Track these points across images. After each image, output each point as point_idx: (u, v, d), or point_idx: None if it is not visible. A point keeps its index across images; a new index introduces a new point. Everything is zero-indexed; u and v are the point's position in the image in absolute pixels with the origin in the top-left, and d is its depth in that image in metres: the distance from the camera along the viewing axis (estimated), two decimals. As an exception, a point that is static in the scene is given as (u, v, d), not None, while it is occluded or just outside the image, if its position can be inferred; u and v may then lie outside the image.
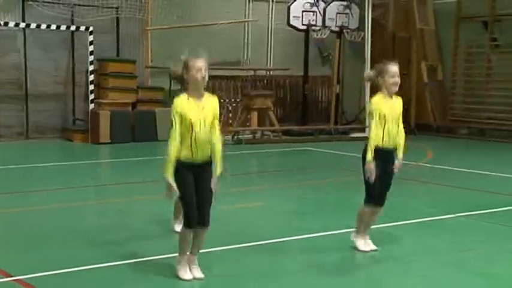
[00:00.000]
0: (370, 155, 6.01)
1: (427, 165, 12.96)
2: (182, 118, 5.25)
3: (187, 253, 5.74)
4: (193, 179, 5.39)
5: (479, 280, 5.80)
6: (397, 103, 6.29)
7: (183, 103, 5.26)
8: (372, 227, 6.65)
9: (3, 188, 9.70)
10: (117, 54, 16.17)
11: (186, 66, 5.29)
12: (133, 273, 5.90)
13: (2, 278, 5.54)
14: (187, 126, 5.25)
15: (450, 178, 11.38)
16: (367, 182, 6.20)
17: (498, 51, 17.31)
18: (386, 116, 6.15)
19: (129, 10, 16.11)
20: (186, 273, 5.57)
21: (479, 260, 6.38)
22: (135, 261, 6.15)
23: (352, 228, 6.61)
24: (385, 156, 6.19)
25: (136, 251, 6.52)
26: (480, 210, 8.47)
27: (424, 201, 9.50)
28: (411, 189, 10.04)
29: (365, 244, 6.49)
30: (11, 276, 5.58)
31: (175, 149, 5.33)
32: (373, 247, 6.54)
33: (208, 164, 5.41)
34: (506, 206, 8.79)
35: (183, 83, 5.39)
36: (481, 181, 10.98)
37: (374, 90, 7.35)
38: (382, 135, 6.16)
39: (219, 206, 8.61)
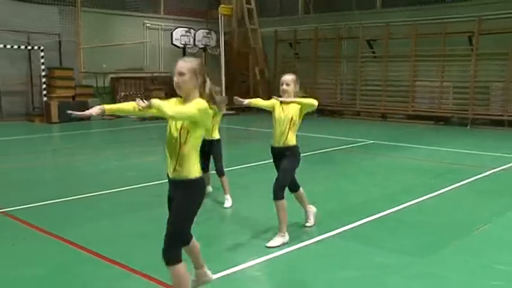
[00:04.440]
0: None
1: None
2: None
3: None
4: None
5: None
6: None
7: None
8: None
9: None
10: (60, 64, 16.18)
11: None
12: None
13: None
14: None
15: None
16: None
17: (299, 61, 18.41)
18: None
19: (67, 35, 16.26)
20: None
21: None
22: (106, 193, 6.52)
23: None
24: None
25: (83, 189, 6.69)
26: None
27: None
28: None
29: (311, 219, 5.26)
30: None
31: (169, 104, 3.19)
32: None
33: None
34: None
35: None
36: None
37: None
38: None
39: (130, 160, 9.45)
